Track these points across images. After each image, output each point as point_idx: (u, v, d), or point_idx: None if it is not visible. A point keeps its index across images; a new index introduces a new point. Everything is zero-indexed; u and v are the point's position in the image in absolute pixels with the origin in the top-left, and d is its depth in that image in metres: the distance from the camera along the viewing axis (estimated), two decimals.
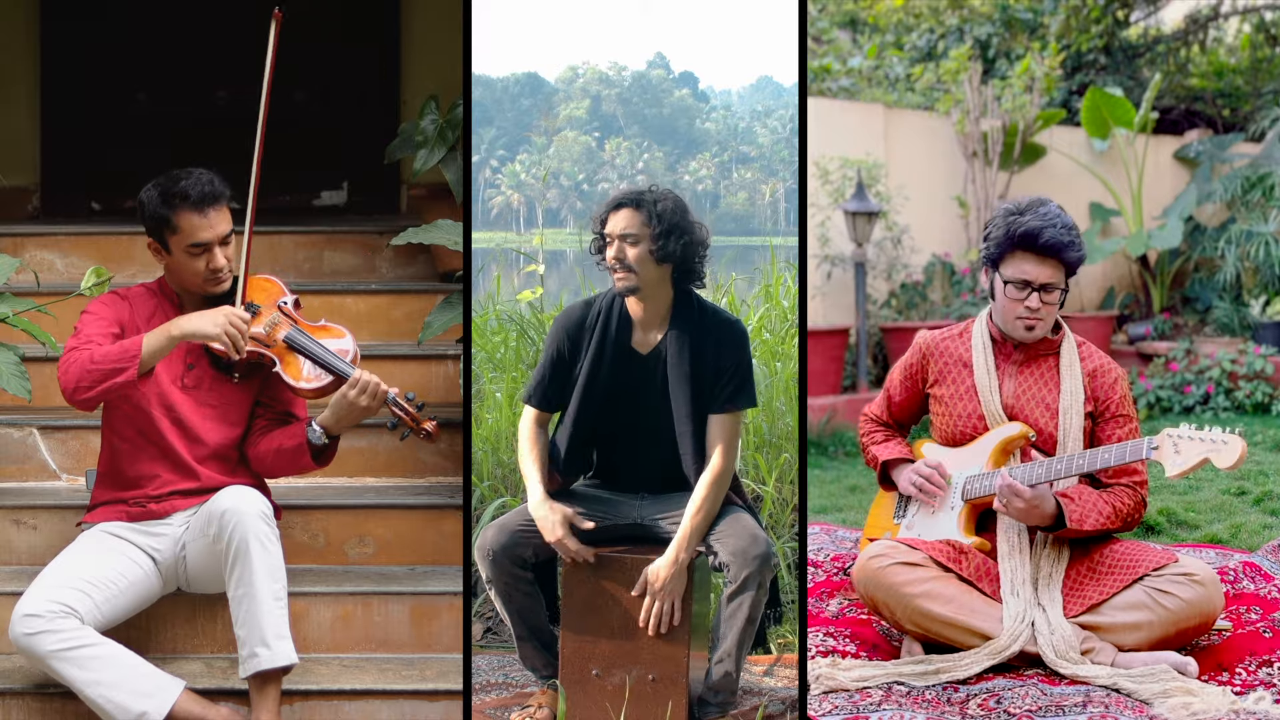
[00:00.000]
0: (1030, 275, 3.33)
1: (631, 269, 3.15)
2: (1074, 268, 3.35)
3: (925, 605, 3.22)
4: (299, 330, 3.25)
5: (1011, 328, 3.41)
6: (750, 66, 9.84)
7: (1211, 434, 3.15)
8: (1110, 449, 3.26)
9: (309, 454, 3.25)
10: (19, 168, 5.00)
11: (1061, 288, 3.34)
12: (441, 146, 4.03)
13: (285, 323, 3.26)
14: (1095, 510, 3.28)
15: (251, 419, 3.35)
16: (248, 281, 3.29)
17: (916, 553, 3.29)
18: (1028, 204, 3.39)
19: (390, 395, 3.18)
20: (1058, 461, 3.29)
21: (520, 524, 3.17)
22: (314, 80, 5.07)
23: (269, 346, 3.22)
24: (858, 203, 7.42)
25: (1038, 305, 3.35)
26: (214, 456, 3.30)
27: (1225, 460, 3.12)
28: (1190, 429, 3.18)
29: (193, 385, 3.29)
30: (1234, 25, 10.32)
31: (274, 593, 3.08)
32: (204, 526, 3.17)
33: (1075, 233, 3.36)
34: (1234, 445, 3.13)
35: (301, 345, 3.22)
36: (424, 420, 3.18)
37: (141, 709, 3.04)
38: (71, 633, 3.03)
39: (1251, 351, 7.50)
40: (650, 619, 3.08)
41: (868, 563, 3.29)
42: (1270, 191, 7.98)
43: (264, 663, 3.06)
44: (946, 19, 9.65)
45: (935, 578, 3.25)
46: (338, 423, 3.21)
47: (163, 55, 5.03)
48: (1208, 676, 3.13)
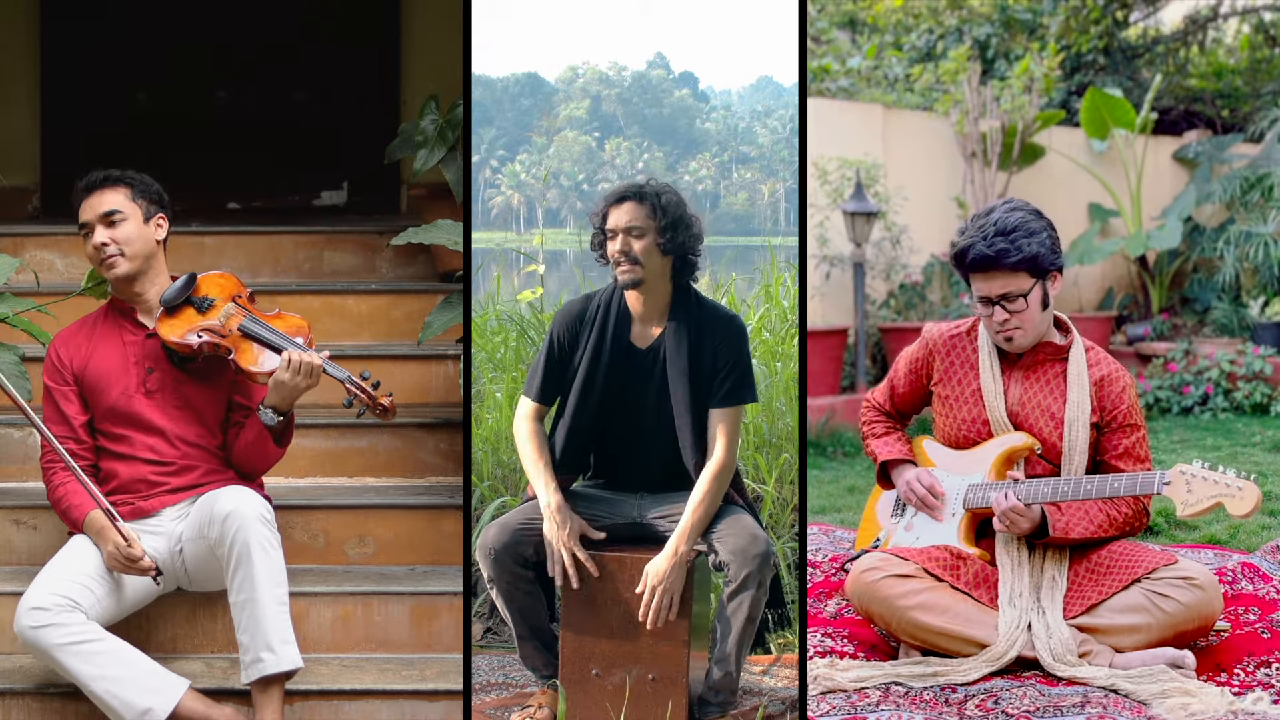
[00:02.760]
0: (983, 290, 3.30)
1: (637, 261, 3.15)
2: (1033, 268, 3.25)
3: (920, 617, 3.21)
4: (251, 318, 3.29)
5: (998, 342, 3.39)
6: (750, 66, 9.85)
7: (1226, 476, 3.10)
8: (1120, 479, 3.20)
9: (270, 438, 3.29)
10: (19, 168, 5.00)
11: (1023, 293, 3.26)
12: (441, 146, 4.03)
13: (239, 314, 3.30)
14: (1085, 518, 3.27)
15: (228, 423, 3.38)
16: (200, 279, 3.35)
17: (909, 564, 3.27)
18: (972, 218, 3.35)
19: (345, 374, 3.21)
20: (1064, 483, 3.26)
21: (522, 523, 3.17)
22: (314, 80, 5.08)
23: (224, 337, 3.26)
24: (856, 203, 7.43)
25: (1005, 316, 3.30)
26: (191, 449, 3.32)
27: (1239, 509, 3.07)
28: (1204, 468, 3.13)
29: (155, 389, 3.31)
30: (1233, 26, 10.33)
31: (277, 597, 3.09)
32: (203, 528, 3.17)
33: (1011, 237, 3.23)
34: (1249, 493, 3.07)
35: (253, 332, 3.27)
36: (381, 396, 3.20)
37: (146, 705, 3.04)
38: (78, 627, 3.03)
39: (1250, 352, 7.51)
40: (649, 613, 3.08)
41: (860, 576, 3.28)
42: (1269, 192, 7.99)
43: (269, 667, 3.06)
44: (945, 19, 9.65)
45: (929, 589, 3.24)
46: (282, 400, 3.25)
47: (163, 55, 5.03)
48: (1206, 677, 3.13)
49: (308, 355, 3.20)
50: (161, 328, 3.29)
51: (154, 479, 3.29)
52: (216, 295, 3.33)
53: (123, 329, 3.35)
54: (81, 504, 3.20)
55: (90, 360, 3.31)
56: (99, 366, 3.30)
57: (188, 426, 3.31)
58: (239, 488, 3.24)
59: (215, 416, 3.36)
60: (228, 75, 5.07)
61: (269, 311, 3.35)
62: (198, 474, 3.31)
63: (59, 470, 3.25)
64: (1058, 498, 3.25)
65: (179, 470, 3.30)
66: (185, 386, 3.33)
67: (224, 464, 3.36)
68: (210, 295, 3.33)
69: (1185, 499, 3.12)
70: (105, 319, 3.38)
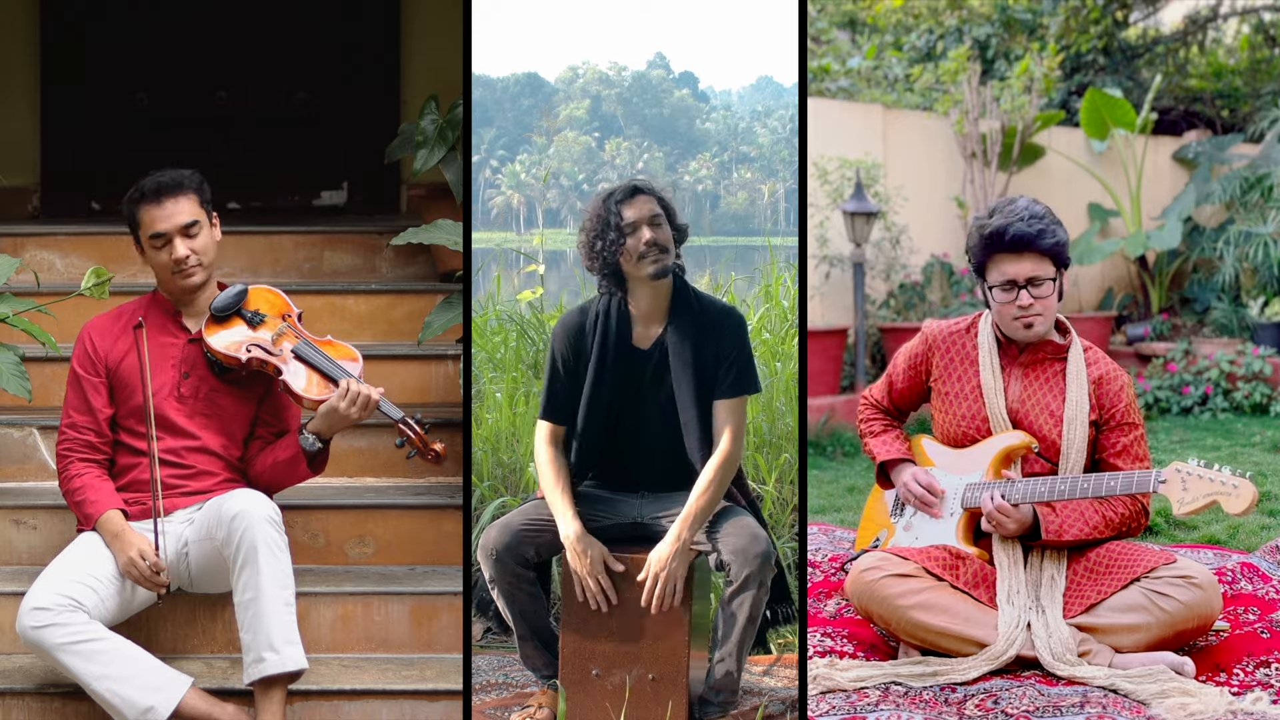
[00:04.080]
0: (1011, 273, 3.31)
1: (667, 249, 3.17)
2: (1057, 256, 3.31)
3: (919, 617, 3.22)
4: (306, 342, 3.28)
5: (1012, 331, 3.38)
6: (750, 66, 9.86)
7: (1222, 475, 3.10)
8: (1117, 477, 3.21)
9: (305, 462, 3.27)
10: (19, 168, 5.00)
11: (1050, 278, 3.31)
12: (441, 146, 4.03)
13: (291, 334, 3.29)
14: (1080, 520, 3.27)
15: (251, 437, 3.37)
16: (250, 291, 3.33)
17: (908, 563, 3.27)
18: (996, 205, 3.38)
19: (400, 415, 3.20)
20: (1061, 481, 3.26)
21: (524, 523, 3.17)
22: (314, 80, 5.08)
23: (274, 356, 3.24)
24: (856, 203, 7.43)
25: (1029, 301, 3.31)
26: (212, 457, 3.31)
27: (1235, 506, 3.07)
28: (1200, 465, 3.13)
29: (189, 394, 3.30)
30: (1233, 26, 10.33)
31: (283, 599, 3.09)
32: (210, 529, 3.17)
33: (1045, 221, 3.31)
34: (1244, 490, 3.07)
35: (309, 356, 3.25)
36: (432, 443, 3.21)
37: (149, 703, 3.04)
38: (80, 626, 3.03)
39: (1250, 352, 7.51)
40: (653, 600, 3.08)
41: (860, 576, 3.28)
42: (1269, 192, 7.99)
43: (271, 667, 3.06)
44: (945, 19, 9.65)
45: (928, 588, 3.24)
46: (328, 429, 3.24)
47: (163, 55, 5.03)
48: (1205, 677, 3.13)
49: (365, 388, 3.19)
50: (210, 336, 3.27)
51: (169, 482, 3.28)
52: (268, 311, 3.32)
53: (164, 329, 3.32)
54: (99, 500, 3.18)
55: (126, 357, 3.29)
56: (133, 363, 3.28)
57: (213, 436, 3.31)
58: (248, 490, 3.24)
59: (242, 429, 3.36)
60: (228, 75, 5.07)
61: (321, 337, 3.34)
62: (213, 481, 3.31)
63: (76, 460, 3.23)
64: (1054, 497, 3.25)
65: (195, 475, 3.30)
66: (219, 396, 3.32)
67: (240, 475, 3.36)
68: (261, 310, 3.31)
69: (1181, 497, 3.13)
70: (153, 306, 3.35)
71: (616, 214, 3.16)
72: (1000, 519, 3.26)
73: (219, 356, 3.25)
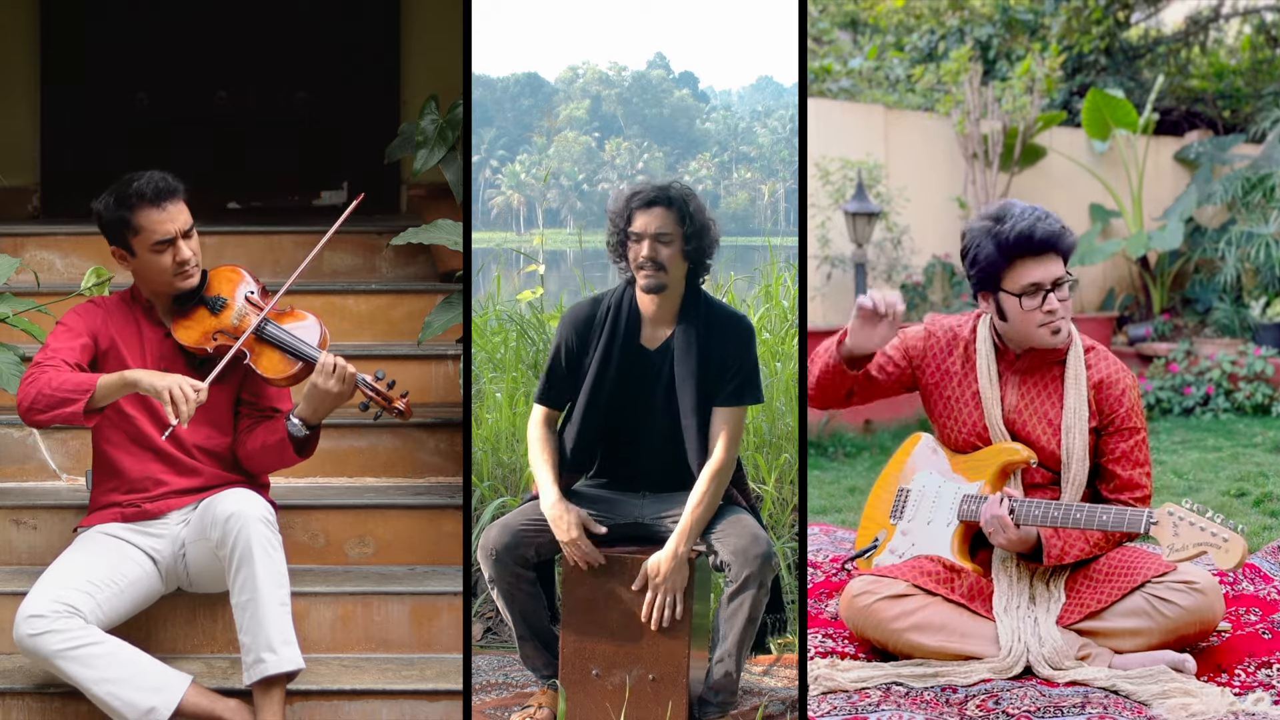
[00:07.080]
0: (1039, 277, 3.21)
1: (663, 268, 3.14)
2: (1069, 255, 3.25)
3: (916, 639, 3.20)
4: (268, 320, 3.25)
5: (1038, 338, 3.27)
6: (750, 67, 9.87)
7: (1213, 525, 3.04)
8: (1109, 512, 3.15)
9: (292, 448, 3.26)
10: (19, 168, 5.00)
11: (1069, 276, 3.24)
12: (441, 146, 4.03)
13: (253, 312, 3.26)
14: (1081, 538, 3.23)
15: (237, 419, 3.36)
16: (209, 274, 3.31)
17: (899, 583, 3.24)
18: (999, 211, 3.27)
19: (360, 377, 3.17)
20: (1055, 508, 3.19)
21: (524, 523, 3.17)
22: (314, 80, 5.08)
23: (238, 341, 3.22)
24: (858, 203, 7.43)
25: (1056, 305, 3.23)
26: (206, 453, 3.30)
27: (1224, 562, 3.02)
28: (1193, 511, 3.07)
29: None
30: (1234, 26, 10.33)
31: (279, 598, 3.08)
32: (205, 529, 3.16)
33: (1057, 218, 3.25)
34: (1234, 546, 3.01)
35: (272, 336, 3.23)
36: (396, 398, 3.18)
37: (150, 704, 3.04)
38: (76, 632, 3.02)
39: (1251, 353, 7.51)
40: (652, 613, 3.08)
41: (853, 601, 3.27)
42: (1271, 193, 7.99)
43: (270, 668, 3.05)
44: (947, 20, 9.65)
45: (922, 607, 3.22)
46: (314, 413, 3.22)
47: (163, 55, 5.03)
48: (1207, 677, 3.13)
49: (334, 358, 3.15)
50: (177, 331, 3.26)
51: (161, 477, 3.27)
52: (229, 294, 3.30)
53: (141, 324, 3.31)
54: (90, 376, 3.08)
55: (114, 342, 3.25)
56: (119, 353, 3.26)
57: (198, 427, 3.29)
58: (242, 490, 3.23)
59: (226, 416, 3.34)
60: (228, 75, 5.07)
61: (281, 309, 3.30)
62: (204, 477, 3.29)
63: (48, 369, 3.09)
64: (1046, 523, 3.20)
65: (187, 470, 3.29)
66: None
67: (231, 465, 3.34)
68: (222, 294, 3.29)
69: (1171, 542, 3.07)
70: (122, 310, 3.33)
71: (627, 218, 3.16)
72: (998, 526, 3.21)
73: (191, 350, 3.25)
